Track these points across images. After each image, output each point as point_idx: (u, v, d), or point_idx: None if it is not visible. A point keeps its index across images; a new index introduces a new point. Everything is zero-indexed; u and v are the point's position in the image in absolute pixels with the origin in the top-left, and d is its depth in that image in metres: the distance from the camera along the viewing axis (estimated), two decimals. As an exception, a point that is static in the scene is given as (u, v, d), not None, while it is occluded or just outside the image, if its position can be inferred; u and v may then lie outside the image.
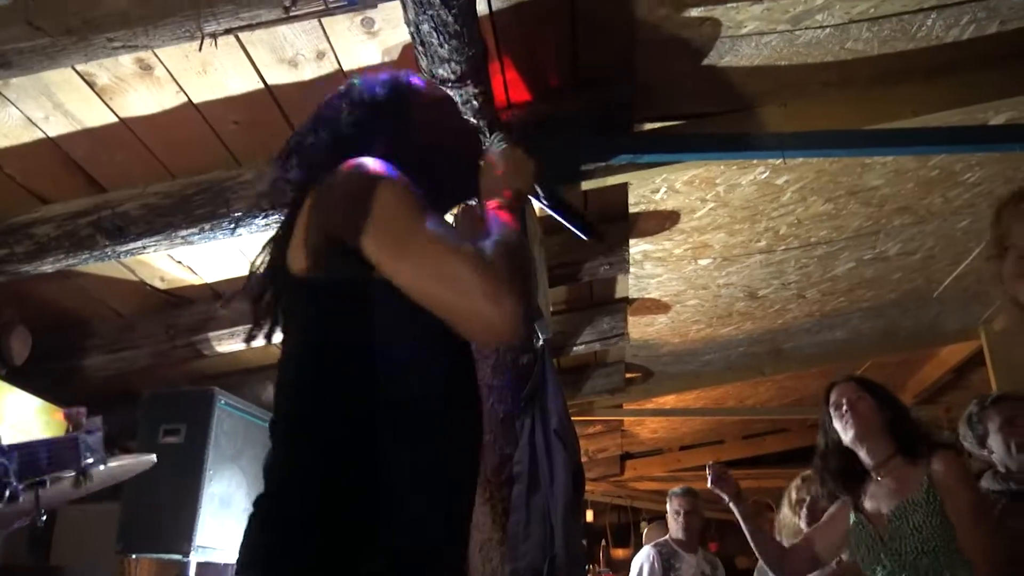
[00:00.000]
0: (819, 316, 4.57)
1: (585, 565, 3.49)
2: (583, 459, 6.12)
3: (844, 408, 2.40)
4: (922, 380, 5.91)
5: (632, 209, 3.12)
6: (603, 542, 8.15)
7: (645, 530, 6.07)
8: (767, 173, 2.97)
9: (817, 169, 2.98)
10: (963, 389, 5.73)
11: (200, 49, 1.91)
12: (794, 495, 3.36)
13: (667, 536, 4.30)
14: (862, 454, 2.37)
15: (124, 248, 2.46)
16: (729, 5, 2.18)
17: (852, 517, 2.40)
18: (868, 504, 2.38)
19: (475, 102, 2.02)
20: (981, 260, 1.64)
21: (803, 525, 3.09)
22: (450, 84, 1.93)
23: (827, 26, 2.30)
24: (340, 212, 1.17)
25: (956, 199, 3.35)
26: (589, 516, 7.80)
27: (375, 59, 2.17)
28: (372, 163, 1.19)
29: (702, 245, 3.50)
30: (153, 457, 2.48)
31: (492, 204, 1.31)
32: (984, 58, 2.46)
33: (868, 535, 2.33)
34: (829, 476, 2.47)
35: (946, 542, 2.15)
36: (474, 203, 1.41)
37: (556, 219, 1.51)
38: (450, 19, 1.72)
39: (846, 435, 2.39)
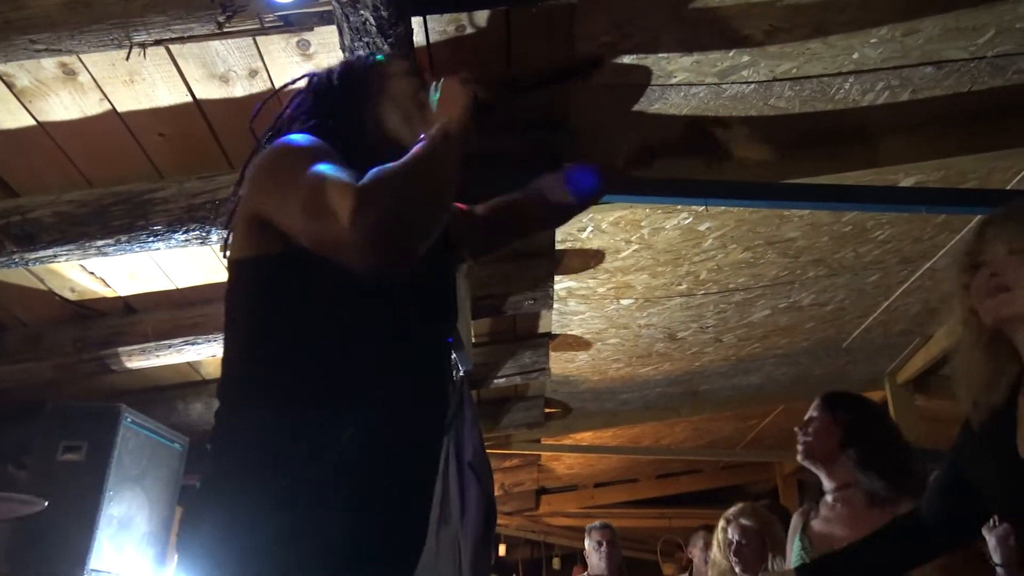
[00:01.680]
0: (735, 360, 4.69)
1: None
2: (498, 492, 6.09)
3: (800, 427, 2.32)
4: (830, 427, 6.10)
5: (559, 246, 3.16)
6: (514, 576, 8.12)
7: None
8: (690, 219, 3.05)
9: (738, 218, 3.08)
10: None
11: (128, 58, 1.88)
12: (721, 536, 3.40)
13: (585, 572, 4.34)
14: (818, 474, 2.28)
15: (34, 256, 2.37)
16: (661, 55, 2.25)
17: (796, 540, 2.28)
18: (818, 526, 2.26)
19: (407, 131, 2.03)
20: (948, 270, 1.64)
21: (737, 569, 3.12)
22: (383, 112, 1.93)
23: (752, 82, 2.39)
24: (250, 186, 1.26)
25: (867, 255, 3.50)
26: (502, 550, 7.76)
27: (309, 81, 2.16)
28: (280, 140, 1.28)
29: (625, 285, 3.56)
30: (43, 503, 2.43)
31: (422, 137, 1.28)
32: (895, 123, 2.59)
33: None
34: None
35: None
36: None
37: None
38: (386, 48, 1.73)
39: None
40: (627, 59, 2.24)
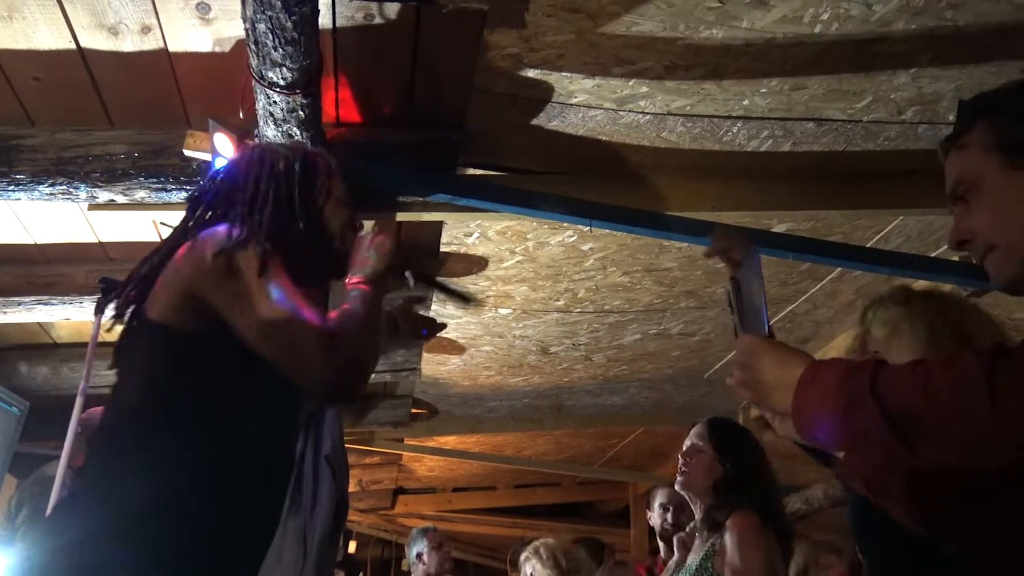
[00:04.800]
0: (602, 379, 4.80)
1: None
2: (355, 489, 5.98)
3: (680, 456, 2.27)
4: (685, 453, 6.33)
5: (444, 248, 3.16)
6: (361, 575, 8.01)
7: None
8: (575, 237, 3.11)
9: (620, 243, 3.16)
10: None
11: (8, -7, 1.77)
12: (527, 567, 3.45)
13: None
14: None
15: None
16: (564, 74, 2.29)
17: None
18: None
19: (302, 112, 1.99)
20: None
21: None
22: (278, 90, 1.89)
23: (648, 113, 2.47)
24: (203, 273, 1.29)
25: (736, 292, 3.66)
26: (351, 547, 7.64)
27: (205, 47, 2.09)
28: (230, 232, 1.32)
29: (505, 295, 3.59)
30: None
31: (355, 279, 1.47)
32: (775, 171, 2.72)
33: None
34: None
35: None
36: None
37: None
38: (289, 24, 1.68)
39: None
40: (531, 73, 2.27)
